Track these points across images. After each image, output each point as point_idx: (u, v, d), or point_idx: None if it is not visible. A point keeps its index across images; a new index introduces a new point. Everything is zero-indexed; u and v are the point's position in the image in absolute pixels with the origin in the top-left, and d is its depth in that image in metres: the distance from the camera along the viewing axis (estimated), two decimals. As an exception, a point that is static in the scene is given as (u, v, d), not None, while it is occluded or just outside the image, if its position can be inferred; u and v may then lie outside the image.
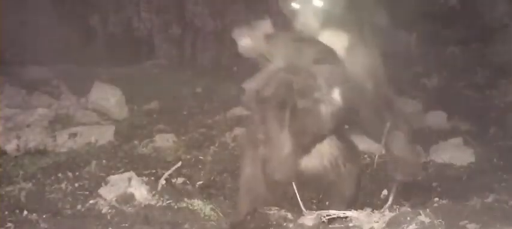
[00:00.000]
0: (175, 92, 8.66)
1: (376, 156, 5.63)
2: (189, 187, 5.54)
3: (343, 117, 4.66)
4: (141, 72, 9.96)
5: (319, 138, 4.76)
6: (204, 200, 5.12)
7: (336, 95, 4.53)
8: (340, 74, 4.52)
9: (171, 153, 6.39)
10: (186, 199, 5.13)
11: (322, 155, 4.80)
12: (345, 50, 4.58)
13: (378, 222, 4.52)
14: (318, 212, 4.54)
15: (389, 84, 4.67)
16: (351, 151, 4.92)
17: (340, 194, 4.91)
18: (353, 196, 4.95)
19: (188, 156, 6.28)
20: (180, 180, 5.66)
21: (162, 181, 5.44)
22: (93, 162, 5.98)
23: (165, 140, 6.68)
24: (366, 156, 6.13)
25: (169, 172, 5.62)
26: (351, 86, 4.51)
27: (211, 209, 4.98)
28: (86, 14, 10.99)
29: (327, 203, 5.02)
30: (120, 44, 10.97)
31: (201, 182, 5.64)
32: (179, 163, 5.86)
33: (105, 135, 6.77)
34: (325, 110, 4.53)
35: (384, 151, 4.79)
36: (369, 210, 4.48)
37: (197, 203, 5.05)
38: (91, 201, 5.11)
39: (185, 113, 7.83)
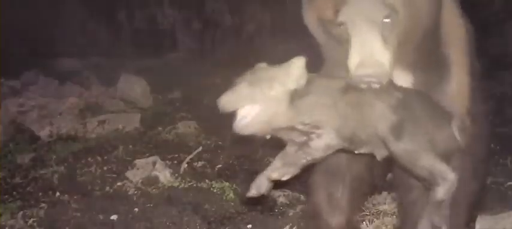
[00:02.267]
0: (196, 82, 8.63)
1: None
2: (209, 170, 5.52)
3: None
4: (165, 64, 9.94)
5: None
6: (223, 182, 5.10)
7: None
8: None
9: (192, 138, 6.37)
10: (206, 181, 5.12)
11: None
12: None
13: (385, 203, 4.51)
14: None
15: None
16: None
17: None
18: None
19: (208, 142, 6.25)
20: (200, 163, 5.63)
21: (184, 165, 5.45)
22: (121, 147, 5.98)
23: (187, 127, 6.66)
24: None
25: (190, 156, 5.64)
26: None
27: (231, 190, 4.95)
28: (113, 10, 10.99)
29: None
30: (145, 38, 10.96)
31: (220, 165, 5.61)
32: (200, 148, 5.86)
33: (131, 122, 6.76)
34: None
35: None
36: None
37: (216, 185, 5.04)
38: (118, 183, 5.14)
39: (205, 101, 7.80)
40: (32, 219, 4.48)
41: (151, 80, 7.94)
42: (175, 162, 5.61)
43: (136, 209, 4.57)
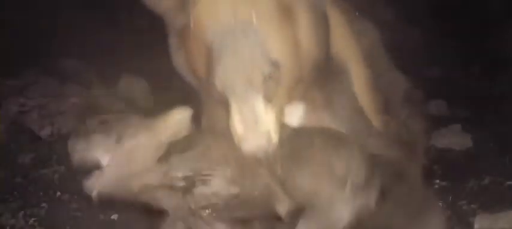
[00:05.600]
0: (196, 82, 8.63)
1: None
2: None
3: None
4: (165, 64, 9.95)
5: None
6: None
7: None
8: None
9: (192, 138, 6.37)
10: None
11: None
12: None
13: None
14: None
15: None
16: None
17: None
18: None
19: (208, 141, 6.25)
20: (201, 162, 5.63)
21: (185, 164, 5.43)
22: (121, 147, 5.98)
23: (186, 126, 6.66)
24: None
25: (191, 155, 5.62)
26: None
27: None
28: (113, 10, 10.97)
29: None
30: (145, 38, 10.95)
31: (220, 164, 5.60)
32: (200, 148, 5.85)
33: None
34: None
35: None
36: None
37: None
38: (119, 183, 5.12)
39: (205, 101, 7.80)
40: (32, 219, 4.50)
41: (151, 80, 7.93)
42: (176, 161, 5.59)
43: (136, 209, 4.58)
